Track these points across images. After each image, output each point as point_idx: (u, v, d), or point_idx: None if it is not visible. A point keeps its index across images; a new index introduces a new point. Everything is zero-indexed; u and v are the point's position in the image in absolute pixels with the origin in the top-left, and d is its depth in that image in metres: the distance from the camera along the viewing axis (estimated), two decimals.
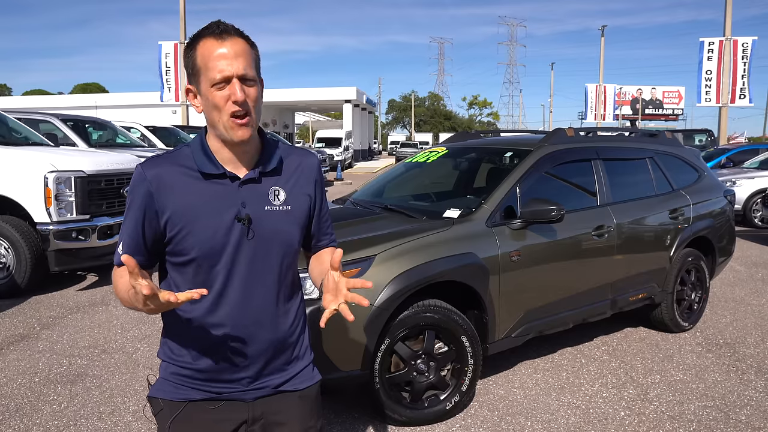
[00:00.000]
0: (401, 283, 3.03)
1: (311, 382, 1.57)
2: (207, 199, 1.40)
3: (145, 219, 1.40)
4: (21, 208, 5.64)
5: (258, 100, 1.39)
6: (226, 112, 1.35)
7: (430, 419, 3.24)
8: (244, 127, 1.37)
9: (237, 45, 1.35)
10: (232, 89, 1.33)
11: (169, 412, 1.46)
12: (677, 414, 3.40)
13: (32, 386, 3.69)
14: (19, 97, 52.51)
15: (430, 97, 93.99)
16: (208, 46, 1.34)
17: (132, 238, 1.41)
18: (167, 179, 1.40)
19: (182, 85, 23.21)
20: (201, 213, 1.39)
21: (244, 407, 1.48)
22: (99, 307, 5.41)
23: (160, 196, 1.39)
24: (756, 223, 11.19)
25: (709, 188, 5.16)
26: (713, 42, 20.85)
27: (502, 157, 4.25)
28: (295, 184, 1.50)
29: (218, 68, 1.33)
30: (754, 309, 5.57)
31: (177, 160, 1.44)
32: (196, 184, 1.41)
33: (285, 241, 1.47)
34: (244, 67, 1.34)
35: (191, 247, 1.39)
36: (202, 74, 1.36)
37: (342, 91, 43.10)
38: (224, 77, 1.33)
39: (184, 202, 1.39)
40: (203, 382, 1.46)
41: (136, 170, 1.43)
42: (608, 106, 40.12)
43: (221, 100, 1.34)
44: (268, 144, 1.50)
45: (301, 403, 1.54)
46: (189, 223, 1.39)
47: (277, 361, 1.50)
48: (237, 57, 1.34)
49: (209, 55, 1.34)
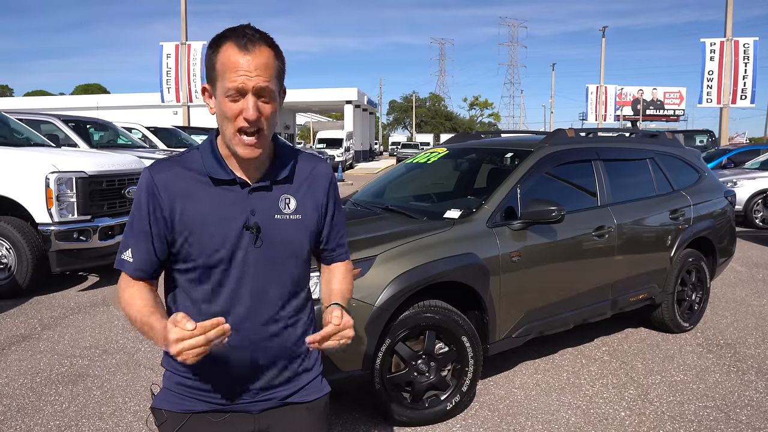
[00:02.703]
0: (402, 283, 3.04)
1: (319, 394, 1.53)
2: (216, 206, 1.36)
3: (154, 225, 1.37)
4: (22, 209, 5.65)
5: (273, 116, 1.33)
6: (235, 125, 1.30)
7: (431, 419, 3.25)
8: (251, 149, 1.32)
9: (260, 57, 1.28)
10: (246, 104, 1.28)
11: (173, 423, 1.43)
12: (678, 414, 3.40)
13: (34, 386, 3.70)
14: (20, 98, 52.55)
15: (431, 97, 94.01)
16: (231, 53, 1.28)
17: (141, 245, 1.38)
18: (175, 184, 1.37)
19: (183, 86, 23.23)
20: (209, 220, 1.36)
21: (251, 419, 1.45)
22: (100, 308, 5.42)
23: (168, 202, 1.36)
24: (757, 224, 11.19)
25: (709, 189, 5.16)
26: (715, 43, 20.84)
27: (503, 158, 4.25)
28: (307, 192, 1.46)
29: (234, 79, 1.27)
30: (754, 310, 5.57)
31: (186, 164, 1.40)
32: (205, 189, 1.37)
33: (295, 250, 1.44)
34: (264, 81, 1.28)
35: (199, 254, 1.36)
36: (218, 80, 1.30)
37: (343, 91, 43.11)
38: (239, 89, 1.27)
39: (193, 209, 1.36)
40: (208, 393, 1.42)
41: (144, 173, 1.39)
42: (609, 107, 40.07)
43: (233, 112, 1.29)
44: (281, 150, 1.45)
45: (309, 415, 1.51)
46: (197, 230, 1.35)
47: (285, 373, 1.46)
48: (258, 70, 1.27)
49: (228, 63, 1.28)
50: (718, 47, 20.76)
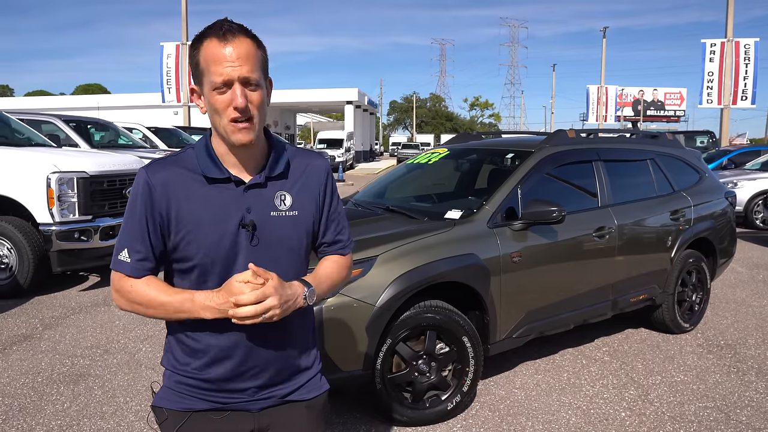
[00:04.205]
0: (403, 283, 3.04)
1: (319, 392, 1.54)
2: (211, 205, 1.37)
3: (151, 224, 1.37)
4: (24, 209, 5.66)
5: (262, 103, 1.35)
6: (227, 116, 1.31)
7: (432, 419, 3.25)
8: (245, 131, 1.32)
9: (242, 46, 1.30)
10: (234, 94, 1.29)
11: (173, 422, 1.43)
12: (678, 415, 3.41)
13: (35, 386, 3.71)
14: (21, 98, 52.57)
15: (432, 98, 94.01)
16: (212, 47, 1.30)
17: (138, 245, 1.38)
18: (171, 183, 1.37)
19: (184, 86, 23.24)
20: (205, 219, 1.36)
21: (250, 417, 1.45)
22: (101, 308, 5.43)
23: (165, 201, 1.36)
24: (757, 225, 11.18)
25: (710, 190, 5.16)
26: (715, 44, 20.83)
27: (504, 159, 4.25)
28: (302, 188, 1.46)
29: (220, 72, 1.28)
30: (755, 310, 5.57)
31: (181, 163, 1.40)
32: (201, 188, 1.38)
33: (292, 247, 1.44)
34: (248, 70, 1.30)
35: (195, 253, 1.37)
36: (204, 76, 1.32)
37: (344, 92, 43.12)
38: (225, 81, 1.29)
39: (188, 208, 1.36)
40: (209, 392, 1.43)
41: (140, 174, 1.40)
42: (610, 108, 40.16)
43: (222, 104, 1.30)
44: (275, 147, 1.46)
45: (308, 413, 1.51)
46: (193, 229, 1.36)
47: (284, 371, 1.47)
48: (240, 59, 1.29)
49: (212, 58, 1.29)
50: (719, 48, 20.75)
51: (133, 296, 1.38)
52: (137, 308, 1.39)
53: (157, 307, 1.36)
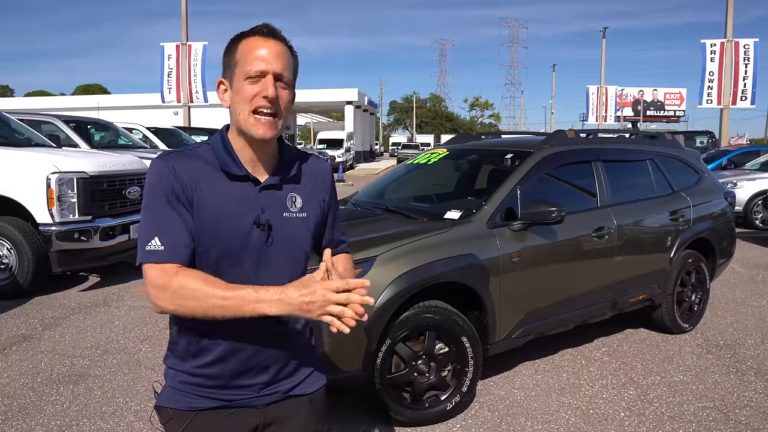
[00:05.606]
0: (402, 284, 3.05)
1: (320, 385, 1.56)
2: (230, 200, 1.38)
3: (178, 203, 1.34)
4: (23, 209, 5.65)
5: (289, 103, 1.39)
6: (253, 105, 1.34)
7: (431, 419, 3.26)
8: (268, 125, 1.35)
9: (280, 47, 1.37)
10: (265, 85, 1.33)
11: (178, 421, 1.43)
12: (677, 415, 3.41)
13: (35, 386, 3.71)
14: (21, 99, 52.62)
15: (432, 98, 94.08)
16: (252, 41, 1.36)
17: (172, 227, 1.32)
18: (192, 171, 1.37)
19: (184, 87, 23.23)
20: (222, 213, 1.36)
21: (256, 413, 1.46)
22: (101, 308, 5.43)
23: (188, 185, 1.35)
24: (757, 225, 11.19)
25: (709, 190, 5.17)
26: (715, 44, 20.83)
27: (503, 159, 4.26)
28: (311, 190, 1.50)
29: (257, 63, 1.34)
30: (754, 311, 5.58)
31: (199, 156, 1.41)
32: (221, 183, 1.38)
33: (300, 247, 1.46)
34: (283, 68, 1.35)
35: (210, 247, 1.36)
36: (238, 66, 1.36)
37: (343, 92, 43.15)
38: (260, 71, 1.33)
39: (209, 199, 1.36)
40: (214, 390, 1.43)
41: (156, 163, 1.38)
42: (610, 108, 40.13)
43: (251, 93, 1.34)
44: (285, 149, 1.49)
45: (312, 406, 1.53)
46: (211, 223, 1.36)
47: (288, 366, 1.48)
48: (277, 57, 1.35)
49: (250, 50, 1.35)
50: (719, 48, 20.75)
51: (168, 286, 1.29)
52: (186, 304, 1.28)
53: (218, 301, 1.26)
